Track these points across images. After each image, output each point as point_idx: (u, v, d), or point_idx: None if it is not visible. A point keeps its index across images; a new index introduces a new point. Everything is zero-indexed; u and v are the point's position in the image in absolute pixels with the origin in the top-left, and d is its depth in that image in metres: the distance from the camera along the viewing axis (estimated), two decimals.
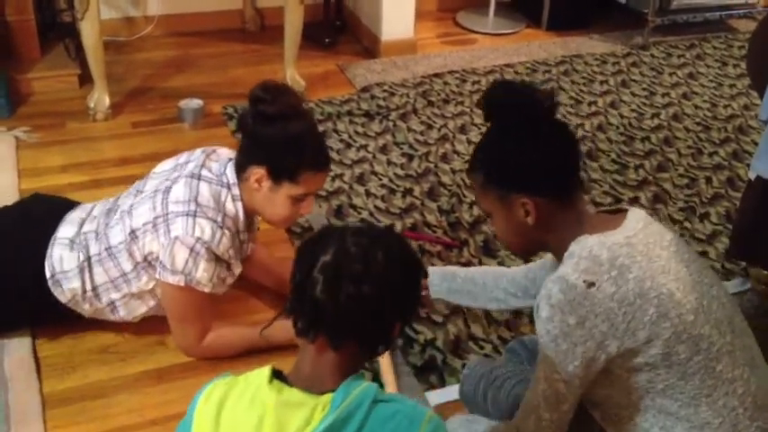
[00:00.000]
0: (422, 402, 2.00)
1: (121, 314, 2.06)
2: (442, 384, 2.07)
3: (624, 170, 3.01)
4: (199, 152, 2.05)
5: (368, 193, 2.81)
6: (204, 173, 1.96)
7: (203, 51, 3.75)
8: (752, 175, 2.09)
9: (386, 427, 1.16)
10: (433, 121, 3.28)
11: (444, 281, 1.93)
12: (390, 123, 3.24)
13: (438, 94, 3.48)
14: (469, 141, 3.15)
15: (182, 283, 1.91)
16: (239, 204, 1.96)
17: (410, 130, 3.21)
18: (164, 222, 1.91)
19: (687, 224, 2.72)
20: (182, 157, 2.07)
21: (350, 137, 3.14)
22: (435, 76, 3.64)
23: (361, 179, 2.88)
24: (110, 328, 2.12)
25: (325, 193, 2.77)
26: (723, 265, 2.53)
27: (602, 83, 3.67)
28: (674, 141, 3.22)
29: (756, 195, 2.13)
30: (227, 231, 1.94)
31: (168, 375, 2.02)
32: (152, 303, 2.05)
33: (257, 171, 1.90)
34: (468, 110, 3.38)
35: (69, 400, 1.95)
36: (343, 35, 3.99)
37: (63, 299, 2.01)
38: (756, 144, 2.26)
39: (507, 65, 3.78)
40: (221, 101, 3.31)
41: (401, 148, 3.08)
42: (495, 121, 1.47)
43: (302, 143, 1.90)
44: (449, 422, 1.63)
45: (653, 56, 3.95)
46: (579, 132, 3.25)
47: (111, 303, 2.03)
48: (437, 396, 2.03)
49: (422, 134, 3.19)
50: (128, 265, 1.98)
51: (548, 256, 1.72)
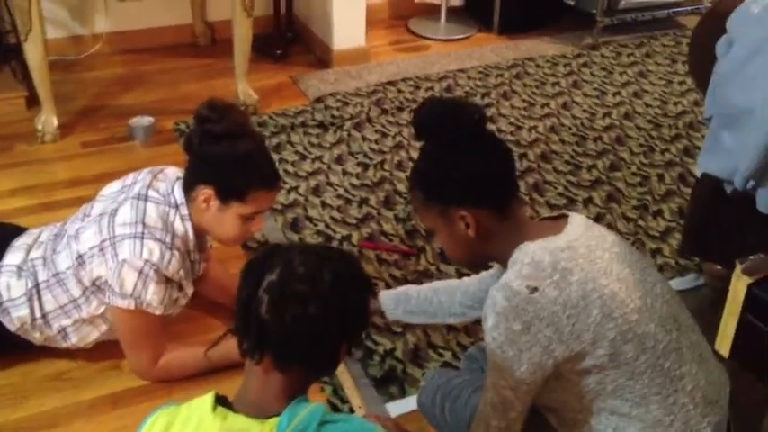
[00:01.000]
0: (382, 412, 1.99)
1: (73, 341, 2.02)
2: (403, 395, 2.06)
3: (577, 171, 3.03)
4: (145, 173, 2.03)
5: (324, 205, 2.80)
6: (151, 194, 1.94)
7: (153, 67, 3.71)
8: (698, 172, 2.11)
9: None
10: (388, 130, 3.28)
11: (399, 304, 1.93)
12: (345, 133, 3.23)
13: (392, 102, 3.48)
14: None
15: (132, 307, 1.88)
16: (188, 224, 1.94)
17: (365, 139, 3.20)
18: (111, 246, 1.88)
19: (641, 222, 2.75)
20: (128, 179, 2.05)
21: (304, 148, 3.12)
22: (389, 83, 3.64)
23: (316, 191, 2.87)
24: (62, 354, 2.08)
25: (280, 207, 2.75)
26: (677, 261, 2.56)
27: (553, 85, 3.70)
28: (625, 140, 3.25)
29: (705, 191, 2.16)
30: (176, 252, 1.91)
31: (123, 400, 1.99)
32: (104, 328, 2.02)
33: (205, 191, 1.88)
34: None
35: (24, 430, 1.91)
36: (295, 46, 3.98)
37: (12, 327, 1.97)
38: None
39: (460, 70, 3.79)
40: (173, 117, 3.27)
41: (356, 158, 3.08)
42: (427, 139, 1.48)
43: (250, 162, 1.88)
44: None
45: (603, 56, 3.99)
46: (533, 135, 3.27)
47: (63, 330, 2.00)
48: (398, 407, 2.03)
49: (376, 143, 3.18)
50: (76, 291, 1.95)
51: (498, 265, 1.73)
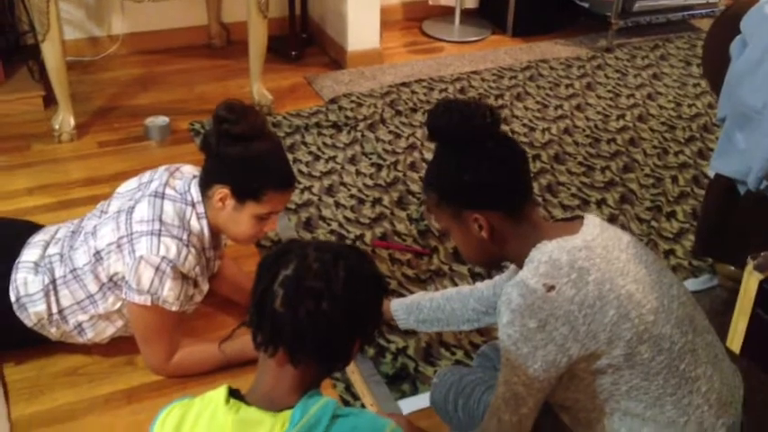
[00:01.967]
0: (394, 410, 2.00)
1: (89, 336, 2.04)
2: (415, 392, 2.07)
3: (591, 172, 3.03)
4: (162, 170, 2.05)
5: (337, 204, 2.81)
6: (168, 191, 1.96)
7: (169, 68, 3.74)
8: (711, 174, 2.11)
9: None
10: (401, 131, 3.29)
11: (410, 314, 1.94)
12: (358, 134, 3.24)
13: (405, 103, 3.49)
14: None
15: (148, 303, 1.90)
16: (204, 222, 1.96)
17: (378, 139, 3.22)
18: (128, 242, 1.90)
19: (654, 223, 2.74)
20: (145, 176, 2.07)
21: (318, 149, 3.14)
22: (402, 85, 3.65)
23: (330, 190, 2.89)
24: (78, 350, 2.11)
25: (294, 206, 2.77)
26: (691, 262, 2.55)
27: (567, 86, 3.70)
28: (639, 142, 3.25)
29: (718, 193, 2.16)
30: (192, 249, 1.93)
31: (138, 395, 2.01)
32: (120, 324, 2.04)
33: (221, 190, 1.90)
34: None
35: (39, 424, 1.94)
36: (310, 47, 4.00)
37: (29, 323, 1.99)
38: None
39: (474, 72, 3.80)
40: (188, 117, 3.30)
41: (370, 159, 3.09)
42: (441, 141, 1.48)
43: (266, 163, 1.91)
44: None
45: (617, 58, 3.99)
46: (546, 136, 3.27)
47: (79, 326, 2.02)
48: (409, 404, 2.04)
49: (390, 143, 3.20)
50: (93, 287, 1.97)
51: (512, 267, 1.73)
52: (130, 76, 3.66)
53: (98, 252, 1.95)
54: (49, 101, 3.26)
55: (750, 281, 1.08)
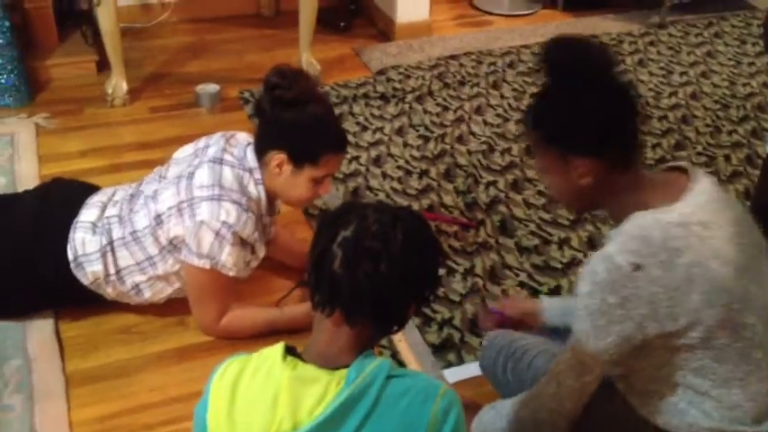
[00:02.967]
0: (439, 379, 2.01)
1: (146, 296, 2.08)
2: (460, 362, 2.08)
3: (641, 149, 2.99)
4: (218, 137, 2.07)
5: (384, 175, 2.81)
6: (226, 157, 1.98)
7: (219, 37, 3.76)
8: None
9: (400, 402, 1.17)
10: (449, 103, 3.27)
11: (566, 315, 1.81)
12: (406, 106, 3.24)
13: (454, 76, 3.47)
14: (485, 122, 3.15)
15: (207, 267, 1.93)
16: (261, 188, 1.98)
17: (426, 112, 3.21)
18: (189, 206, 1.93)
19: None
20: (200, 142, 2.09)
21: (366, 119, 3.14)
22: (451, 58, 3.63)
23: (377, 161, 2.89)
24: (131, 309, 2.15)
25: (341, 176, 2.78)
26: None
27: (618, 62, 3.64)
28: (691, 120, 3.20)
29: None
30: (251, 215, 1.96)
31: (189, 354, 2.05)
32: (177, 285, 2.08)
33: (278, 156, 1.92)
34: (484, 91, 3.37)
35: (92, 379, 1.99)
36: (358, 18, 3.99)
37: (85, 281, 2.04)
38: None
39: (524, 46, 3.76)
40: (238, 85, 3.32)
41: (417, 131, 3.08)
42: (554, 79, 1.40)
43: (321, 126, 1.91)
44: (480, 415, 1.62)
45: (670, 35, 3.91)
46: None
47: (136, 286, 2.06)
48: (455, 373, 2.05)
49: (438, 116, 3.18)
50: (153, 249, 2.01)
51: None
52: (181, 44, 3.69)
53: (158, 215, 1.98)
54: (102, 66, 3.31)
55: None
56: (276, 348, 1.23)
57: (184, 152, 2.11)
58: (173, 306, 2.14)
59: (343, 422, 1.15)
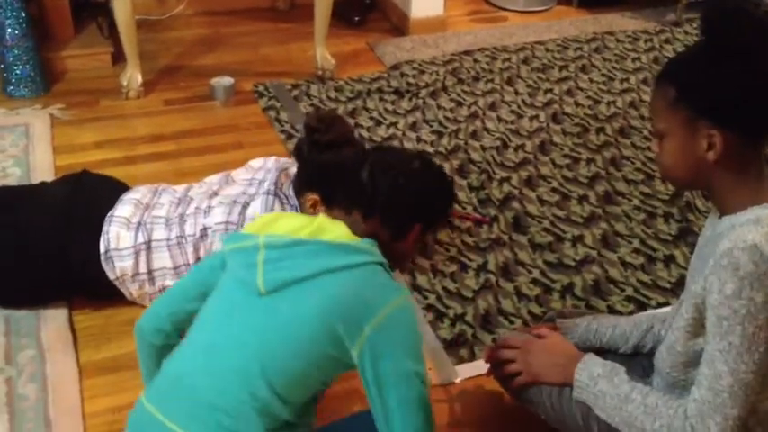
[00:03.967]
0: (452, 374, 2.01)
1: None
2: (472, 358, 2.08)
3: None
4: (273, 165, 2.15)
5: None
6: (279, 192, 2.06)
7: (234, 30, 3.76)
8: None
9: (369, 282, 1.34)
10: (463, 99, 3.27)
11: (589, 338, 1.72)
12: (420, 101, 3.23)
13: (468, 72, 3.47)
14: (499, 119, 3.14)
15: None
16: None
17: (440, 107, 3.20)
18: (235, 230, 2.00)
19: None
20: (257, 164, 2.21)
21: (380, 114, 3.14)
22: (465, 53, 3.62)
23: None
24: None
25: None
26: None
27: (634, 60, 3.63)
28: None
29: None
30: None
31: None
32: None
33: (312, 197, 1.97)
34: (499, 87, 3.36)
35: (105, 370, 1.99)
36: (373, 13, 3.99)
37: (111, 276, 2.05)
38: None
39: (538, 42, 3.75)
40: (252, 79, 3.32)
41: (431, 126, 3.08)
42: (712, 39, 1.28)
43: None
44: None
45: (686, 32, 3.89)
46: (611, 109, 3.22)
47: (164, 289, 2.07)
48: (467, 369, 2.04)
49: (451, 111, 3.18)
50: (192, 258, 2.05)
51: (711, 227, 1.44)
52: (196, 37, 3.70)
53: (205, 228, 2.03)
54: (117, 58, 3.32)
55: None
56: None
57: (240, 174, 2.20)
58: None
59: (318, 257, 1.33)
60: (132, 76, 3.13)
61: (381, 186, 1.45)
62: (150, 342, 1.54)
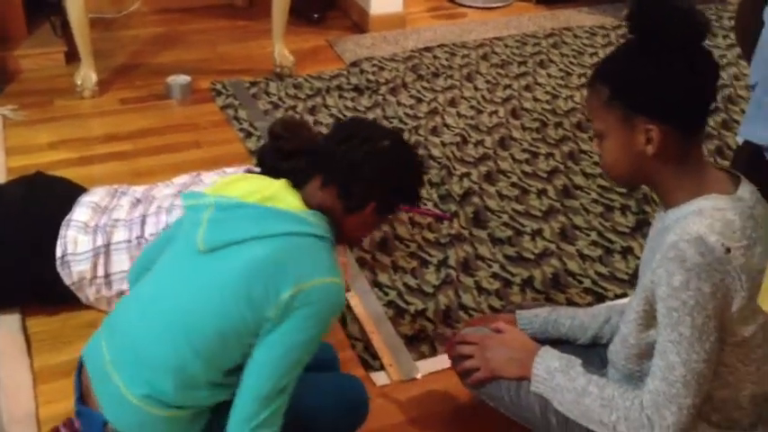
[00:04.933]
0: (413, 371, 2.01)
1: None
2: (434, 354, 2.08)
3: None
4: (245, 171, 2.13)
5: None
6: None
7: (191, 27, 3.72)
8: (740, 140, 2.09)
9: (302, 253, 1.34)
10: (423, 95, 3.27)
11: (546, 324, 1.71)
12: (380, 98, 3.23)
13: (427, 68, 3.47)
14: (459, 114, 3.15)
15: None
16: None
17: (400, 104, 3.20)
18: None
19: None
20: (231, 170, 2.19)
21: (340, 112, 3.13)
22: (425, 50, 3.62)
23: None
24: None
25: None
26: None
27: (591, 55, 3.66)
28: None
29: (746, 160, 2.13)
30: None
31: None
32: None
33: None
34: (458, 83, 3.37)
35: (61, 375, 1.95)
36: (332, 10, 3.97)
37: (68, 280, 2.01)
38: (744, 113, 2.29)
39: (497, 38, 3.76)
40: (209, 77, 3.29)
41: (391, 122, 3.07)
42: (639, 36, 1.30)
43: None
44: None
45: None
46: (569, 104, 3.25)
47: (122, 293, 2.03)
48: (428, 365, 2.04)
49: (411, 108, 3.18)
50: None
51: (661, 220, 1.43)
52: (152, 35, 3.65)
53: (168, 226, 1.98)
54: (71, 57, 3.27)
55: None
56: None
57: (211, 177, 2.17)
58: None
59: (258, 221, 1.35)
60: (87, 75, 3.09)
61: (346, 154, 1.44)
62: None
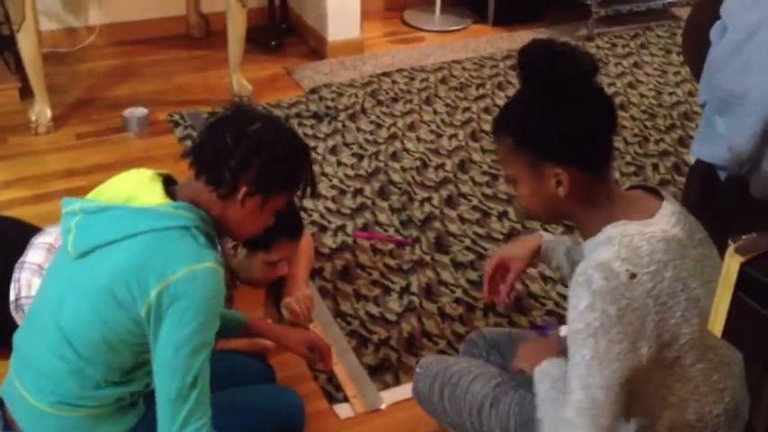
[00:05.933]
0: (377, 401, 1.99)
1: None
2: (397, 383, 2.06)
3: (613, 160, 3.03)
4: None
5: (318, 195, 2.79)
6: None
7: (147, 59, 3.70)
8: (692, 159, 2.11)
9: (165, 247, 1.32)
10: (383, 120, 3.27)
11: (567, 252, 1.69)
12: (339, 124, 3.22)
13: (386, 93, 3.47)
14: (419, 139, 3.15)
15: None
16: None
17: (359, 129, 3.20)
18: None
19: None
20: None
21: None
22: (383, 75, 3.63)
23: None
24: None
25: None
26: None
27: None
28: (620, 131, 3.25)
29: (699, 179, 2.15)
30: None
31: None
32: None
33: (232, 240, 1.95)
34: (417, 107, 3.38)
35: None
36: (290, 37, 3.97)
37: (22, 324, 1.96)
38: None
39: (455, 61, 3.78)
40: (167, 108, 3.27)
41: (351, 149, 3.07)
42: (531, 84, 1.34)
43: (276, 215, 1.94)
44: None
45: (598, 47, 3.98)
46: None
47: None
48: (392, 395, 2.03)
49: (371, 133, 3.18)
50: None
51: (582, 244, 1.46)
52: (108, 68, 3.62)
53: None
54: (26, 93, 3.22)
55: (731, 264, 1.07)
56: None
57: None
58: None
59: (120, 222, 1.35)
60: (41, 110, 3.05)
61: (214, 141, 1.41)
62: None
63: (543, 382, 1.42)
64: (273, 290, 2.28)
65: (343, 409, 1.99)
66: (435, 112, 3.35)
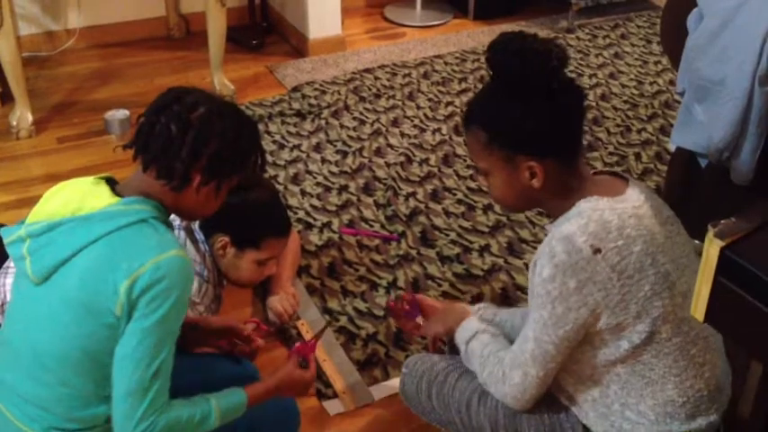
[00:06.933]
0: (367, 396, 1.99)
1: None
2: (386, 377, 2.07)
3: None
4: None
5: (303, 193, 2.79)
6: (191, 227, 2.00)
7: (128, 61, 3.68)
8: (672, 148, 2.13)
9: (124, 245, 1.30)
10: (366, 117, 3.27)
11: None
12: (323, 121, 3.22)
13: (369, 90, 3.48)
14: (402, 134, 3.16)
15: None
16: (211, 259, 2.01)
17: (343, 126, 3.20)
18: None
19: None
20: None
21: (282, 137, 3.12)
22: (365, 71, 3.63)
23: (295, 179, 2.87)
24: None
25: None
26: None
27: None
28: (602, 121, 3.27)
29: (680, 167, 2.18)
30: (210, 286, 1.98)
31: None
32: None
33: (222, 239, 1.95)
34: (400, 103, 3.38)
35: None
36: (271, 36, 3.96)
37: None
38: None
39: (437, 56, 3.79)
40: None
41: (335, 146, 3.07)
42: (501, 78, 1.37)
43: (264, 212, 1.97)
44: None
45: (579, 38, 4.00)
46: None
47: None
48: (382, 390, 2.03)
49: (354, 130, 3.18)
50: None
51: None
52: (89, 70, 3.60)
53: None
54: (6, 97, 3.20)
55: (711, 248, 1.08)
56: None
57: None
58: None
59: (74, 234, 1.31)
60: (22, 115, 3.03)
61: (156, 133, 1.36)
62: None
63: (473, 337, 1.54)
64: (260, 289, 2.28)
65: (333, 406, 1.99)
66: (418, 107, 3.35)
